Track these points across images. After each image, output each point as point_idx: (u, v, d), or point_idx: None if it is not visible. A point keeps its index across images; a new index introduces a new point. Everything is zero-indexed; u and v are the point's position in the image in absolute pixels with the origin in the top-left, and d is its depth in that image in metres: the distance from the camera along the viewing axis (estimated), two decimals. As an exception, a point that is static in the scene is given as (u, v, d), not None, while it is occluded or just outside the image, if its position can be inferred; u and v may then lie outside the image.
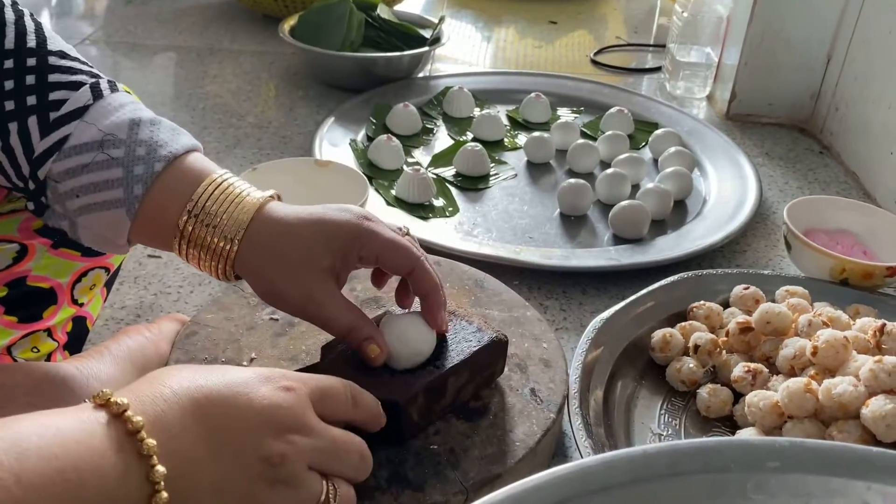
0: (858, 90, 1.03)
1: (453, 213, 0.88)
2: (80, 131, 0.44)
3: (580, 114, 1.14)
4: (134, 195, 0.44)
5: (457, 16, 1.61)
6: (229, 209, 0.46)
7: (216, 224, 0.45)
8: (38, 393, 0.48)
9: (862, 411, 0.51)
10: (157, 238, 0.46)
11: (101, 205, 0.44)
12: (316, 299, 0.47)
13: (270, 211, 0.47)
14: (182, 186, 0.45)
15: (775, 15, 1.08)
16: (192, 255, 0.46)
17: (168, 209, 0.45)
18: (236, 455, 0.35)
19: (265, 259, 0.46)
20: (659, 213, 0.86)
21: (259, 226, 0.46)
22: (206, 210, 0.45)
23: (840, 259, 0.71)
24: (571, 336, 0.70)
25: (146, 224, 0.45)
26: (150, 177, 0.44)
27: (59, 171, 0.44)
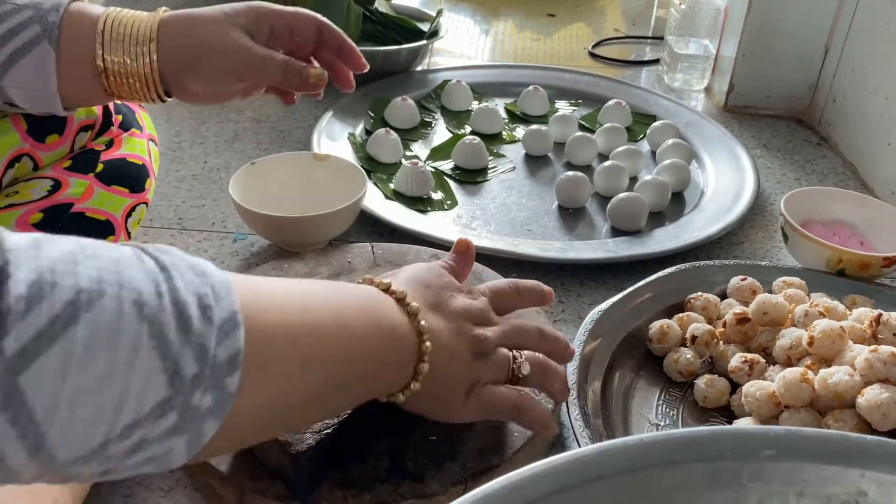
0: (856, 81, 1.03)
1: (452, 206, 0.88)
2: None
3: (578, 106, 1.14)
4: (50, 23, 0.49)
5: (454, 9, 1.60)
6: (135, 26, 0.52)
7: (129, 39, 0.51)
8: None
9: (858, 400, 0.51)
10: (83, 78, 0.51)
11: (23, 48, 0.49)
12: (247, 46, 0.54)
13: (174, 13, 0.54)
14: (88, 18, 0.51)
15: (773, 6, 1.08)
16: (121, 85, 0.52)
17: (84, 39, 0.50)
18: (458, 333, 0.46)
19: (191, 40, 0.53)
20: (657, 205, 0.86)
21: (171, 24, 0.53)
22: (115, 31, 0.51)
23: (837, 250, 0.71)
24: (570, 327, 0.70)
25: (70, 64, 0.50)
26: (61, 8, 0.49)
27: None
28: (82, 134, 0.58)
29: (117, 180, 0.58)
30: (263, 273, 0.66)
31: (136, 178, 0.60)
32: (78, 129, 0.58)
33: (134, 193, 0.60)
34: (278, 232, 0.76)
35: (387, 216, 0.82)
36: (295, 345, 0.35)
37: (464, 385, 0.46)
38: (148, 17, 0.53)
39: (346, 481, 0.48)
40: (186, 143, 0.98)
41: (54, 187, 0.55)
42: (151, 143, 0.65)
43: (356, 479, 0.48)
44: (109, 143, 0.60)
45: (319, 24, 0.58)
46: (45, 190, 0.54)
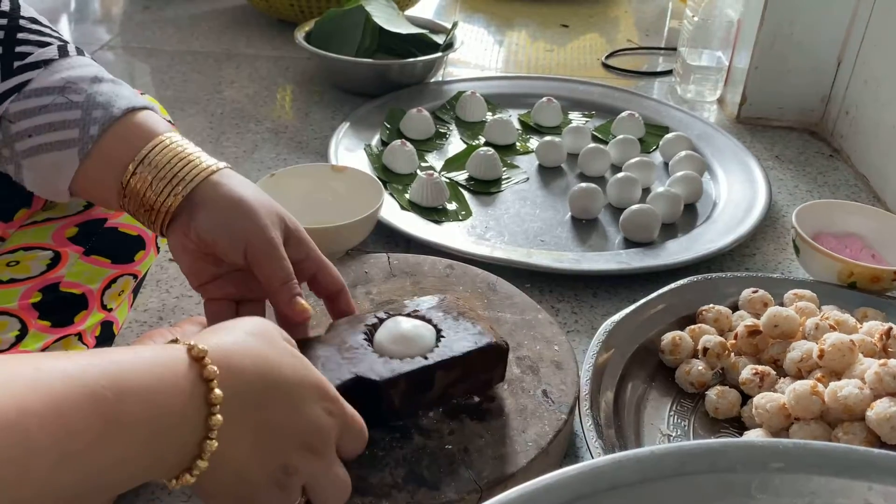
0: (869, 93, 1.04)
1: (466, 216, 0.90)
2: (42, 77, 0.46)
3: (591, 118, 1.15)
4: (89, 135, 0.46)
5: (469, 20, 1.62)
6: (179, 164, 0.46)
7: (162, 177, 0.46)
8: None
9: (867, 413, 0.52)
10: (99, 187, 0.48)
11: (54, 145, 0.46)
12: (276, 243, 0.48)
13: (225, 176, 0.48)
14: (135, 138, 0.47)
15: (786, 18, 1.09)
16: (126, 204, 0.47)
17: (119, 155, 0.46)
18: (271, 452, 0.37)
19: (225, 207, 0.47)
20: (669, 216, 0.87)
21: (207, 188, 0.47)
22: (153, 166, 0.46)
23: (848, 263, 0.72)
24: (583, 338, 0.71)
25: (94, 169, 0.47)
26: (108, 121, 0.46)
27: (16, 111, 0.46)
28: None
29: None
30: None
31: None
32: None
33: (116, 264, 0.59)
34: (297, 242, 0.77)
35: (403, 227, 0.83)
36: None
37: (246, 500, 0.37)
38: (201, 166, 0.47)
39: (362, 488, 0.49)
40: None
41: (89, 203, 0.56)
42: None
43: (373, 487, 0.49)
44: None
45: (339, 289, 0.53)
46: (80, 205, 0.56)
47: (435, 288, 0.68)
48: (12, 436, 0.28)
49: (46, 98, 0.46)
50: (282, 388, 0.37)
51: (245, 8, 1.58)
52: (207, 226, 0.47)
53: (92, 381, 0.30)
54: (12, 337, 0.52)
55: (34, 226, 0.55)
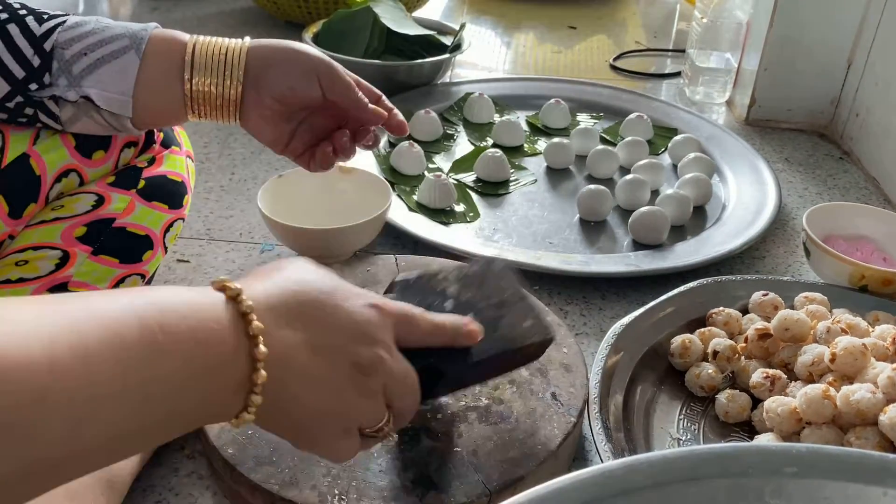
0: (879, 95, 1.03)
1: (474, 218, 0.89)
2: (73, 17, 0.53)
3: (599, 119, 1.15)
4: (139, 37, 0.52)
5: (476, 21, 1.62)
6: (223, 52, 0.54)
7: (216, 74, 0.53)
8: None
9: (880, 418, 0.52)
10: (160, 95, 0.54)
11: (110, 55, 0.52)
12: (336, 66, 0.57)
13: (260, 40, 0.56)
14: (172, 45, 0.53)
15: (795, 20, 1.09)
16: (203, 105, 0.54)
17: (167, 59, 0.53)
18: (332, 353, 0.38)
19: (280, 58, 0.55)
20: (678, 218, 0.87)
21: (257, 47, 0.55)
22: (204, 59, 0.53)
23: (859, 266, 0.71)
24: (591, 341, 0.71)
25: (151, 74, 0.53)
26: (149, 29, 0.53)
27: (66, 39, 0.51)
28: (126, 150, 0.60)
29: (158, 196, 0.60)
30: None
31: (175, 194, 0.62)
32: (122, 145, 0.59)
33: (172, 209, 0.62)
34: (305, 243, 0.77)
35: (410, 228, 0.83)
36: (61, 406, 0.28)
37: (336, 421, 0.39)
38: (235, 44, 0.55)
39: (371, 492, 0.49)
40: (214, 155, 1.00)
41: (98, 202, 0.57)
42: (189, 160, 0.67)
43: (382, 489, 0.49)
44: (151, 160, 0.62)
45: (377, 96, 0.63)
46: (89, 204, 0.56)
47: (443, 290, 0.68)
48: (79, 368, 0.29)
49: (87, 25, 0.52)
50: (316, 295, 0.38)
51: (253, 9, 1.58)
52: (277, 82, 0.55)
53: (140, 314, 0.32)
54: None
55: (43, 225, 0.55)
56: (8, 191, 0.51)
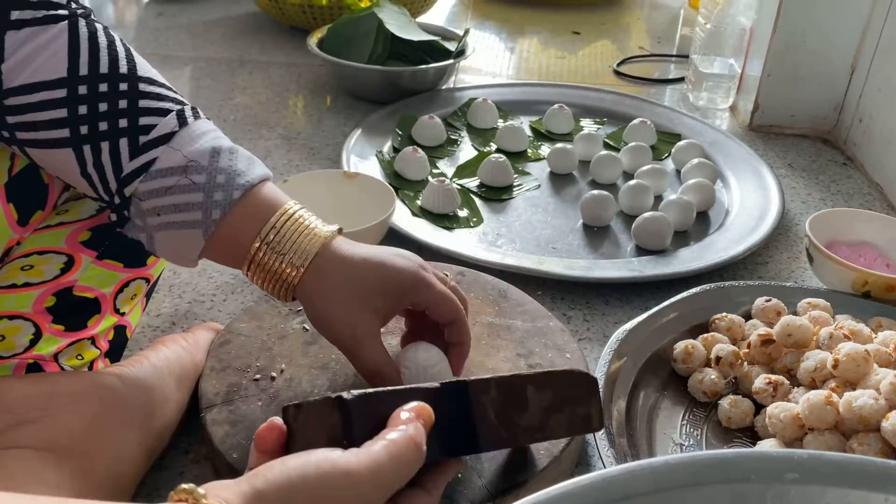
0: (883, 101, 1.03)
1: (477, 223, 0.90)
2: (166, 156, 0.48)
3: (603, 125, 1.15)
4: (212, 219, 0.48)
5: (480, 26, 1.63)
6: (299, 239, 0.50)
7: (286, 252, 0.49)
8: (82, 401, 0.50)
9: (882, 424, 0.52)
10: (227, 258, 0.51)
11: (180, 224, 0.49)
12: (359, 337, 0.50)
13: (337, 245, 0.51)
14: (257, 214, 0.49)
15: (799, 26, 1.09)
16: (258, 277, 0.51)
17: (242, 234, 0.49)
18: None
19: (325, 289, 0.50)
20: (682, 224, 0.87)
21: (325, 257, 0.50)
22: (277, 239, 0.49)
23: (862, 272, 0.71)
24: (594, 346, 0.71)
25: (219, 246, 0.50)
26: (229, 204, 0.48)
27: (145, 191, 0.48)
28: None
29: None
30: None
31: None
32: None
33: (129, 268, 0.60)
34: (309, 248, 0.78)
35: (414, 233, 0.83)
36: None
37: None
38: (316, 236, 0.50)
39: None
40: (219, 160, 1.01)
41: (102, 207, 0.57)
42: None
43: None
44: None
45: (455, 319, 0.53)
46: (93, 209, 0.56)
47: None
48: None
49: (171, 179, 0.48)
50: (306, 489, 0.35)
51: (258, 15, 1.59)
52: (312, 313, 0.51)
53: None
54: (27, 341, 0.52)
55: (48, 230, 0.55)
56: (17, 198, 0.51)
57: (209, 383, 0.57)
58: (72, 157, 0.48)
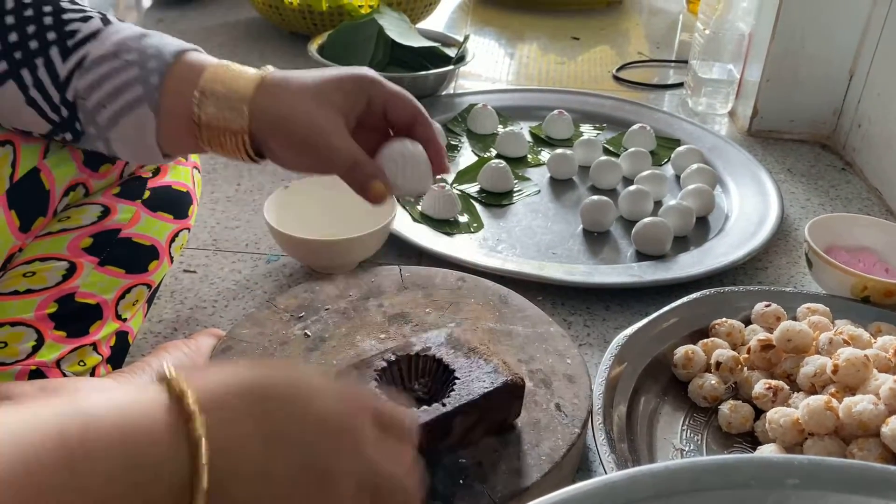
0: (881, 106, 1.04)
1: (478, 228, 0.90)
2: (95, 48, 0.49)
3: (602, 130, 1.15)
4: (152, 85, 0.49)
5: (480, 32, 1.63)
6: (234, 83, 0.49)
7: (229, 97, 0.49)
8: None
9: (882, 429, 0.52)
10: (181, 134, 0.50)
11: (127, 107, 0.49)
12: (325, 127, 0.50)
13: (274, 74, 0.51)
14: (191, 75, 0.49)
15: (797, 32, 1.09)
16: (213, 139, 0.50)
17: (183, 96, 0.49)
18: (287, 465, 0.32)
19: (279, 108, 0.49)
20: (681, 229, 0.87)
21: (268, 85, 0.50)
22: (213, 88, 0.49)
23: (861, 277, 0.71)
24: (595, 352, 0.71)
25: (169, 118, 0.50)
26: (164, 66, 0.49)
27: (84, 87, 0.49)
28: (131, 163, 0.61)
29: (163, 207, 0.61)
30: (295, 295, 0.68)
31: (181, 204, 0.63)
32: None
33: (178, 220, 0.62)
34: (310, 254, 0.78)
35: (414, 239, 0.83)
36: None
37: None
38: (249, 75, 0.50)
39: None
40: (221, 166, 1.01)
41: (103, 213, 0.57)
42: (195, 171, 0.67)
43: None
44: (156, 170, 0.62)
45: (415, 113, 0.53)
46: (94, 216, 0.57)
47: (447, 301, 0.68)
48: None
49: (105, 66, 0.49)
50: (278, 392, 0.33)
51: (258, 21, 1.59)
52: (275, 151, 0.50)
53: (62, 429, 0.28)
54: (29, 347, 0.52)
55: (50, 236, 0.55)
56: (19, 205, 0.52)
57: (211, 389, 0.57)
58: (14, 88, 0.49)
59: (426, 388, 0.55)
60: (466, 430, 0.52)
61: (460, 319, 0.66)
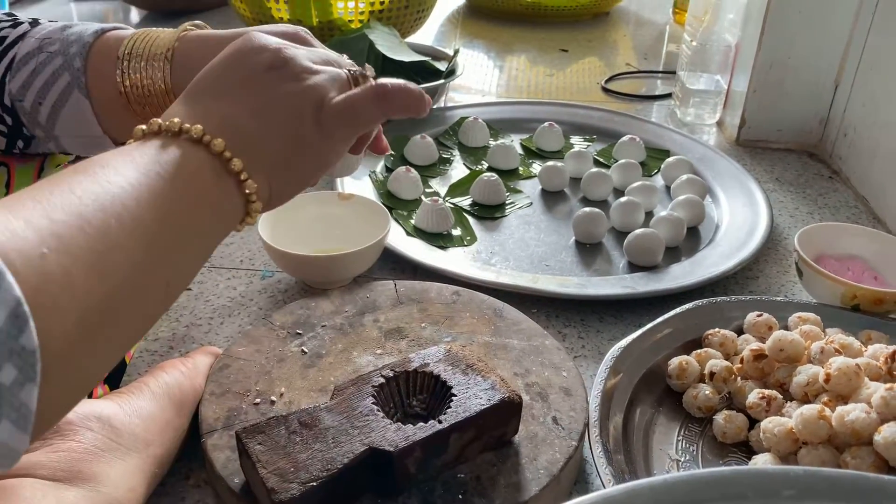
0: (867, 116, 1.05)
1: (471, 242, 0.91)
2: (21, 48, 0.51)
3: (593, 142, 1.16)
4: (76, 69, 0.50)
5: (469, 45, 1.64)
6: (153, 44, 0.50)
7: (145, 56, 0.50)
8: (82, 429, 0.50)
9: (875, 438, 0.52)
10: (116, 109, 0.51)
11: (60, 99, 0.50)
12: None
13: (193, 31, 0.52)
14: (111, 50, 0.50)
15: (783, 42, 1.11)
16: (141, 104, 0.51)
17: (108, 72, 0.50)
18: (242, 83, 0.42)
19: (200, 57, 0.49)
20: (672, 240, 0.88)
21: (186, 41, 0.50)
22: (132, 52, 0.50)
23: (851, 286, 0.72)
24: (590, 364, 0.72)
25: (101, 98, 0.51)
26: (84, 49, 0.50)
27: (17, 88, 0.50)
28: None
29: None
30: (291, 311, 0.68)
31: None
32: None
33: None
34: (305, 270, 0.78)
35: (408, 253, 0.84)
36: (77, 261, 0.30)
37: (300, 117, 0.42)
38: (168, 34, 0.51)
39: (377, 517, 0.49)
40: (213, 182, 1.01)
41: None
42: None
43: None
44: None
45: None
46: None
47: (442, 315, 0.69)
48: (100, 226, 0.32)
49: (31, 63, 0.50)
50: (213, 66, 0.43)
51: (248, 36, 1.59)
52: None
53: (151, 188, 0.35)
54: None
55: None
56: None
57: (209, 408, 0.57)
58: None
59: (424, 405, 0.55)
60: (463, 446, 0.52)
61: (456, 334, 0.67)
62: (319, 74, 0.43)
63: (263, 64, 0.42)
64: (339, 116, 0.43)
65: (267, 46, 0.43)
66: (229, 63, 0.43)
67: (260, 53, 0.43)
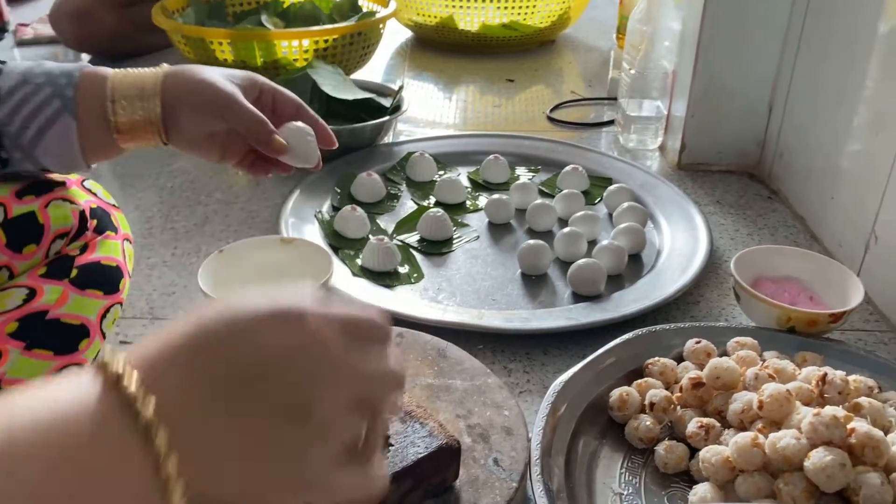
0: (799, 138, 1.08)
1: (418, 279, 0.91)
2: (3, 81, 0.56)
3: (537, 172, 1.18)
4: (68, 97, 0.57)
5: (418, 77, 1.66)
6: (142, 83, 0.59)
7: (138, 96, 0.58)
8: None
9: (805, 463, 0.54)
10: (99, 132, 0.58)
11: (49, 120, 0.56)
12: (233, 93, 0.61)
13: (175, 66, 0.62)
14: (96, 82, 0.58)
15: (717, 68, 1.14)
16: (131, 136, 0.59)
17: (95, 101, 0.57)
18: (255, 413, 0.28)
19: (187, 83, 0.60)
20: (615, 268, 0.89)
21: (172, 74, 0.60)
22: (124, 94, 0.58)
23: (786, 308, 0.74)
24: (535, 398, 0.72)
25: (87, 123, 0.57)
26: (73, 80, 0.57)
27: (4, 116, 0.56)
28: (58, 241, 0.60)
29: (91, 284, 0.60)
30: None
31: (110, 280, 0.62)
32: (54, 237, 0.60)
33: (108, 295, 0.62)
34: (248, 317, 0.77)
35: (354, 294, 0.84)
36: None
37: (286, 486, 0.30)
38: (152, 73, 0.60)
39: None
40: (157, 230, 1.00)
41: (29, 295, 0.57)
42: (126, 243, 0.67)
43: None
44: (84, 247, 0.62)
45: (298, 105, 0.68)
46: (20, 299, 0.56)
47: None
48: None
49: (18, 94, 0.56)
50: (220, 339, 0.29)
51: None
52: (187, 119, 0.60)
53: None
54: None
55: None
56: None
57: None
58: None
59: None
60: (403, 495, 0.52)
61: (399, 377, 0.66)
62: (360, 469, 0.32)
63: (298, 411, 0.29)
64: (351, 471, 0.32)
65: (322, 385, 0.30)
66: (271, 367, 0.30)
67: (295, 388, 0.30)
